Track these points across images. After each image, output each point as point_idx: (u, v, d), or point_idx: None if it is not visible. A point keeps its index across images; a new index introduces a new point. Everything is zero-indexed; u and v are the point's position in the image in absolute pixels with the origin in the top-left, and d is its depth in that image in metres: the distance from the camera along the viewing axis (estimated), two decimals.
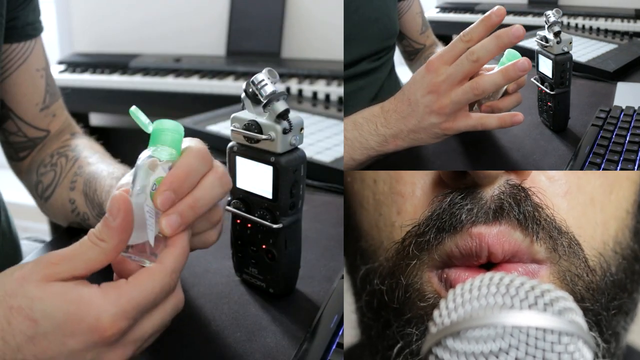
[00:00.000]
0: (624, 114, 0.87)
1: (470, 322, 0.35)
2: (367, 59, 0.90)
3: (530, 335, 0.34)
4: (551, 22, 0.79)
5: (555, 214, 0.42)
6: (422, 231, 0.43)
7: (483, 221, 0.41)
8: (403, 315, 0.43)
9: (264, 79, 0.52)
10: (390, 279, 0.44)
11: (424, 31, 1.09)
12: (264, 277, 0.60)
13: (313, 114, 1.18)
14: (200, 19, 2.02)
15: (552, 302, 0.35)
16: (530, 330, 0.34)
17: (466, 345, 0.35)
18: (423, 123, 0.61)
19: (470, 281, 0.37)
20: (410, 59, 1.12)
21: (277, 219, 0.56)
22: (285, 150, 0.54)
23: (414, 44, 1.09)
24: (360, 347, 0.50)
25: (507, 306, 0.35)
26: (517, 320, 0.34)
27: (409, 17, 1.05)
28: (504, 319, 0.34)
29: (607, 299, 0.43)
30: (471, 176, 0.42)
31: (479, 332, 0.34)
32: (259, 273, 0.60)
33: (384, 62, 0.94)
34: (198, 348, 0.53)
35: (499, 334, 0.34)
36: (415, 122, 0.61)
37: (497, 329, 0.34)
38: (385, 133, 0.64)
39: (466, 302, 0.36)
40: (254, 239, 0.59)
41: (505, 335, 0.34)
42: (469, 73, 0.58)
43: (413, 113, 0.61)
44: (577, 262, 0.42)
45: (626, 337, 0.46)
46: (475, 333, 0.34)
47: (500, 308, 0.35)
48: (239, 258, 0.62)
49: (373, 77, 0.92)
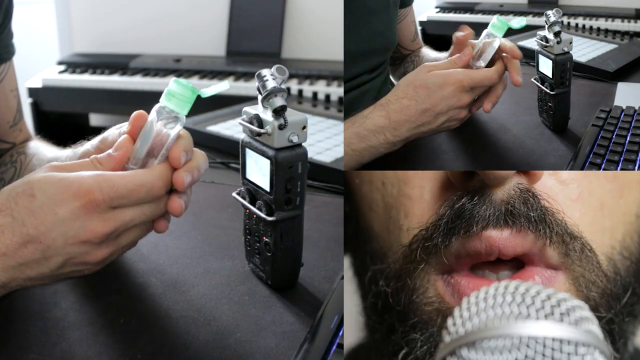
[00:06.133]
0: (624, 114, 0.87)
1: (485, 332, 0.34)
2: (368, 72, 0.90)
3: (546, 346, 0.33)
4: (551, 22, 0.79)
5: (567, 219, 0.41)
6: (429, 235, 0.42)
7: (494, 225, 0.41)
8: (408, 320, 0.43)
9: (266, 75, 0.53)
10: (397, 281, 0.44)
11: (414, 39, 1.10)
12: (263, 268, 0.61)
13: (313, 114, 1.18)
14: (200, 19, 2.02)
15: (569, 311, 0.34)
16: (546, 341, 0.33)
17: (481, 355, 0.34)
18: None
19: (484, 289, 0.36)
20: (395, 63, 1.12)
21: (273, 212, 0.57)
22: (282, 146, 0.55)
23: (404, 50, 1.10)
24: (367, 349, 0.49)
25: (523, 316, 0.34)
26: (534, 331, 0.34)
27: (403, 25, 1.06)
28: (520, 329, 0.34)
29: (621, 305, 0.42)
30: (480, 177, 0.41)
31: (495, 343, 0.34)
32: (261, 264, 0.61)
33: (382, 71, 0.94)
34: (198, 348, 0.53)
35: (514, 344, 0.34)
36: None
37: (513, 340, 0.34)
38: (395, 140, 0.67)
39: (481, 311, 0.35)
40: (257, 229, 0.60)
41: (521, 345, 0.34)
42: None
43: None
44: (590, 268, 0.41)
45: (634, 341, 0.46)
46: (491, 343, 0.34)
47: (516, 318, 0.34)
48: (247, 247, 0.63)
49: (370, 86, 0.92)
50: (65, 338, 0.53)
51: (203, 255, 0.67)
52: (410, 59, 1.09)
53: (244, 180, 0.60)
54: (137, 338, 0.53)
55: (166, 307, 0.58)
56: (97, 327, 0.54)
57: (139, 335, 0.54)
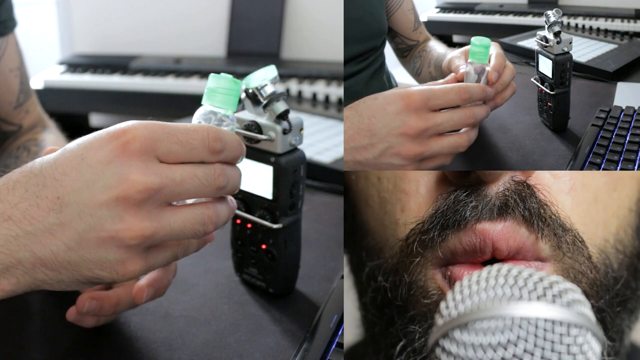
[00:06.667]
0: (624, 114, 0.87)
1: (478, 314, 0.34)
2: (354, 60, 0.88)
3: (538, 327, 0.34)
4: (551, 22, 0.79)
5: (560, 211, 0.42)
6: (425, 229, 0.42)
7: (487, 218, 0.41)
8: (406, 313, 0.43)
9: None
10: (394, 276, 0.44)
11: (416, 28, 1.07)
12: (263, 277, 0.60)
13: (313, 114, 1.18)
14: (201, 20, 2.02)
15: (561, 293, 0.34)
16: (538, 322, 0.34)
17: (474, 337, 0.34)
18: (380, 160, 0.54)
19: (477, 273, 0.36)
20: (403, 56, 1.10)
21: (277, 219, 0.56)
22: (285, 151, 0.54)
23: (407, 40, 1.07)
24: (364, 345, 0.50)
25: (515, 297, 0.34)
26: (526, 312, 0.34)
27: (400, 14, 1.04)
28: (512, 310, 0.34)
29: (611, 295, 0.42)
30: (476, 174, 0.42)
31: (487, 324, 0.34)
32: (259, 273, 0.60)
33: (369, 63, 0.92)
34: (198, 348, 0.53)
35: (507, 325, 0.34)
36: (370, 157, 0.54)
37: (505, 321, 0.34)
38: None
39: (474, 293, 0.35)
40: (254, 239, 0.59)
41: (513, 326, 0.34)
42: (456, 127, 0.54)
43: (371, 148, 0.54)
44: (581, 259, 0.42)
45: (630, 336, 0.46)
46: (483, 325, 0.34)
47: (509, 299, 0.34)
48: (239, 258, 0.62)
49: (358, 78, 0.90)
50: (65, 338, 0.53)
51: (203, 255, 0.67)
52: (418, 54, 1.07)
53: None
54: (137, 338, 0.53)
55: (166, 306, 0.58)
56: (97, 327, 0.54)
57: (139, 335, 0.54)
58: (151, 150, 0.37)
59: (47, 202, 0.36)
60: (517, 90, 0.71)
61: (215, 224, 0.42)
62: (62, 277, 0.37)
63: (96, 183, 0.36)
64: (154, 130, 0.38)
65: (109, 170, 0.36)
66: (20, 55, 0.81)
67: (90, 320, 0.51)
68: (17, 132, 0.81)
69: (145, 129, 0.37)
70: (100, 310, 0.49)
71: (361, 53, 0.89)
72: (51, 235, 0.36)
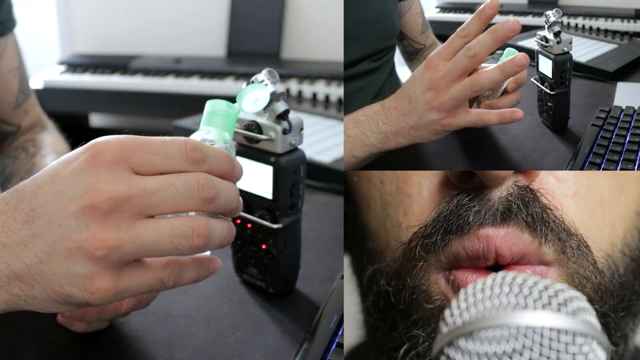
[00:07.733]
0: (624, 114, 0.87)
1: (483, 323, 0.34)
2: (368, 59, 0.90)
3: (544, 336, 0.33)
4: (551, 22, 0.79)
5: (564, 216, 0.41)
6: (428, 232, 0.42)
7: (491, 223, 0.41)
8: (409, 317, 0.42)
9: (264, 80, 0.52)
10: (397, 280, 0.43)
11: (424, 31, 1.09)
12: (263, 277, 0.60)
13: (313, 114, 1.18)
14: (201, 20, 2.02)
15: (566, 302, 0.34)
16: (544, 331, 0.33)
17: (479, 345, 0.34)
18: (423, 120, 0.62)
19: (482, 280, 0.36)
20: (410, 59, 1.12)
21: (277, 219, 0.56)
22: (285, 151, 0.54)
23: (414, 44, 1.09)
24: (365, 347, 0.49)
25: (521, 306, 0.34)
26: (531, 321, 0.34)
27: (409, 17, 1.05)
28: (518, 319, 0.34)
29: (616, 300, 0.42)
30: (478, 177, 0.41)
31: (492, 333, 0.34)
32: (259, 273, 0.60)
33: (385, 62, 0.94)
34: (198, 348, 0.53)
35: (512, 334, 0.34)
36: (416, 119, 0.62)
37: (511, 330, 0.34)
38: (386, 130, 0.65)
39: (478, 301, 0.35)
40: (254, 239, 0.59)
41: (518, 335, 0.34)
42: (467, 69, 0.58)
43: (413, 110, 0.62)
44: (585, 264, 0.41)
45: (634, 340, 0.46)
46: (488, 333, 0.34)
47: (514, 308, 0.34)
48: (238, 258, 0.62)
49: (373, 77, 0.92)
50: (65, 338, 0.53)
51: None
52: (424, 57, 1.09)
53: None
54: (137, 338, 0.53)
55: (166, 306, 0.58)
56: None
57: (139, 335, 0.54)
58: (123, 161, 0.37)
59: (22, 215, 0.36)
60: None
61: (206, 237, 0.38)
62: (35, 293, 0.37)
63: (66, 193, 0.36)
64: (126, 141, 0.37)
65: (78, 180, 0.36)
66: (20, 56, 0.81)
67: (80, 325, 0.52)
68: (16, 132, 0.81)
69: (118, 140, 0.37)
70: (84, 316, 0.50)
71: (377, 52, 0.91)
72: (25, 248, 0.36)
